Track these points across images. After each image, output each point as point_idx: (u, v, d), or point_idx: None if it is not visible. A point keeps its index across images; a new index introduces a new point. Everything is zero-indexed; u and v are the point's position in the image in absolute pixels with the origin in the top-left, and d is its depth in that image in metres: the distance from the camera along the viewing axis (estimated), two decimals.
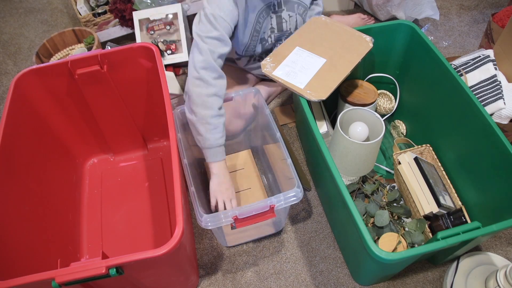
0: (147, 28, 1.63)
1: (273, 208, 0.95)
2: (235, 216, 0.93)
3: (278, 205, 0.95)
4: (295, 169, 1.00)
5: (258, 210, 0.94)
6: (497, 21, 1.40)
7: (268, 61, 1.06)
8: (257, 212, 0.94)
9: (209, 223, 0.93)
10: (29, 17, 2.06)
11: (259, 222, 0.96)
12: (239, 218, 0.94)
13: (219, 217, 0.93)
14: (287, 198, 0.96)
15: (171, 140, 0.93)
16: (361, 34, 1.13)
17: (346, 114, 1.12)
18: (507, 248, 1.16)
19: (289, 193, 0.96)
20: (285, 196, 0.96)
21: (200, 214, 0.93)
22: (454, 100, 1.07)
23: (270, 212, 0.96)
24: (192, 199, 0.97)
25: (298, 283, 1.13)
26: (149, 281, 0.93)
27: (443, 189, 1.13)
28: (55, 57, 1.71)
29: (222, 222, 0.93)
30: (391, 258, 0.78)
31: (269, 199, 0.95)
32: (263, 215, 0.96)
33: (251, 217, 0.95)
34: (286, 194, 0.96)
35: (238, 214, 0.93)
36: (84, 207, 1.30)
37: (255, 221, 0.96)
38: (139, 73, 1.19)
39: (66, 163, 1.31)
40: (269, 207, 0.94)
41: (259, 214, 0.95)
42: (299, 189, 0.96)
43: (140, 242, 1.21)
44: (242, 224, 0.95)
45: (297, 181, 0.97)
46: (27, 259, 0.96)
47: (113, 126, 1.31)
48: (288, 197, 0.96)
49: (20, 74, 1.10)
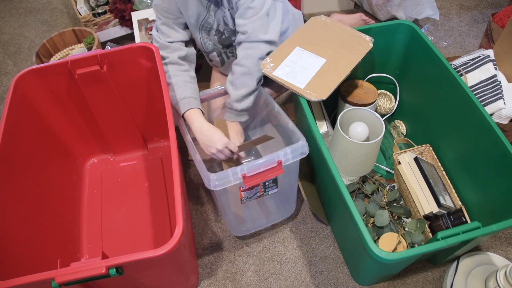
0: (146, 28, 1.63)
1: (281, 163, 0.92)
2: (244, 173, 0.90)
3: (285, 159, 0.93)
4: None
5: (266, 166, 0.92)
6: (497, 21, 1.40)
7: (268, 61, 1.06)
8: (265, 168, 0.92)
9: (216, 182, 0.89)
10: (29, 17, 2.06)
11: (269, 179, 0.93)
12: (247, 176, 0.91)
13: (227, 174, 0.89)
14: (294, 151, 0.93)
15: (171, 140, 0.93)
16: (361, 34, 1.13)
17: (346, 114, 1.12)
18: (507, 248, 1.16)
19: (295, 146, 0.93)
20: (292, 149, 0.93)
21: (207, 174, 0.90)
22: (454, 100, 1.07)
23: (279, 168, 0.93)
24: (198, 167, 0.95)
25: (298, 283, 1.13)
26: (149, 281, 0.93)
27: (443, 189, 1.13)
28: (55, 57, 1.71)
29: (231, 181, 0.90)
30: (391, 258, 0.78)
31: (276, 153, 0.92)
32: (272, 172, 0.93)
33: (260, 174, 0.92)
34: (292, 147, 0.93)
35: (246, 171, 0.90)
36: (84, 207, 1.30)
37: (264, 177, 0.92)
38: (139, 73, 1.19)
39: (66, 163, 1.31)
40: (276, 162, 0.92)
41: (268, 171, 0.93)
42: (304, 143, 0.94)
43: (140, 242, 1.21)
44: (251, 182, 0.92)
45: (301, 136, 0.96)
46: (27, 259, 0.96)
47: (113, 126, 1.31)
48: (294, 149, 0.93)
49: (20, 74, 1.10)
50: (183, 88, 1.09)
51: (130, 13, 1.67)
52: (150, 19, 1.63)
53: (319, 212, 1.20)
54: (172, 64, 1.11)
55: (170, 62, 1.11)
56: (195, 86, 1.12)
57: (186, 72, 1.12)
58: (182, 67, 1.12)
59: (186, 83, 1.10)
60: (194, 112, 1.06)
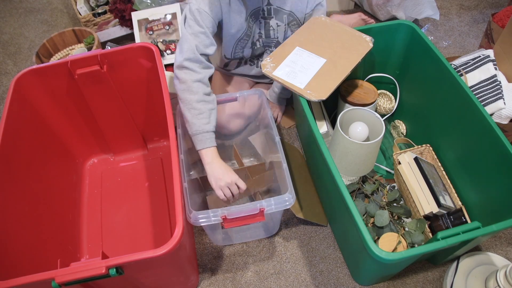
0: (146, 28, 1.63)
1: (263, 211, 0.94)
2: (224, 215, 0.93)
3: (268, 209, 0.94)
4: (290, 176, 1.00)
5: (248, 212, 0.94)
6: (497, 21, 1.40)
7: (268, 61, 1.06)
8: (246, 214, 0.94)
9: (198, 219, 0.92)
10: (29, 17, 2.06)
11: (248, 224, 0.96)
12: (228, 218, 0.93)
13: (208, 214, 0.93)
14: (278, 203, 0.95)
15: (171, 140, 0.93)
16: (361, 34, 1.13)
17: (346, 114, 1.12)
18: (507, 248, 1.16)
19: (280, 198, 0.95)
20: (276, 201, 0.95)
21: (189, 210, 0.93)
22: (454, 100, 1.07)
23: (260, 215, 0.95)
24: (184, 195, 0.96)
25: (298, 283, 1.13)
26: (149, 281, 0.93)
27: (443, 189, 1.13)
28: (55, 57, 1.71)
29: (211, 220, 0.93)
30: (391, 258, 0.78)
31: (259, 202, 0.94)
32: (252, 218, 0.95)
33: (240, 218, 0.95)
34: (277, 199, 0.95)
35: (227, 214, 0.93)
36: (84, 207, 1.30)
37: (243, 222, 0.95)
38: (139, 73, 1.19)
39: (66, 163, 1.31)
40: (258, 210, 0.94)
41: (249, 216, 0.95)
42: (291, 195, 0.95)
43: (140, 242, 1.21)
44: (230, 224, 0.95)
45: (290, 186, 0.97)
46: (27, 259, 0.96)
47: (113, 126, 1.31)
48: (279, 201, 0.95)
49: (20, 74, 1.10)
50: (208, 119, 1.02)
51: (130, 13, 1.67)
52: (150, 19, 1.63)
53: (314, 217, 1.20)
54: (202, 84, 1.03)
55: (200, 81, 1.02)
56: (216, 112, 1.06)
57: (210, 97, 1.05)
58: (208, 89, 1.04)
59: (211, 112, 1.03)
60: (212, 150, 1.03)
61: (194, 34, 1.03)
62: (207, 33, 1.04)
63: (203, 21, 1.03)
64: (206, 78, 1.04)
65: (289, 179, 0.99)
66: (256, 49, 1.24)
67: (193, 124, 1.01)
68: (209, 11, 1.03)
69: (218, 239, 1.18)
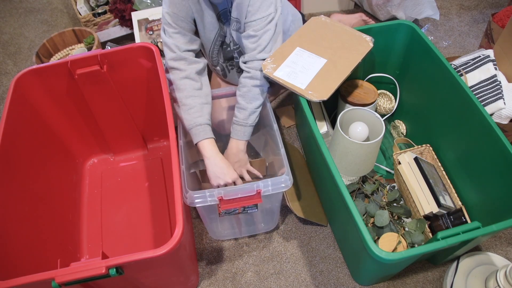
0: (146, 28, 1.63)
1: (259, 192, 0.93)
2: (220, 196, 0.91)
3: (265, 190, 0.93)
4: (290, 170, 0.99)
5: (244, 193, 0.92)
6: (497, 21, 1.40)
7: (269, 61, 1.06)
8: (243, 195, 0.93)
9: (194, 199, 0.91)
10: (29, 17, 2.06)
11: (245, 205, 0.94)
12: (224, 199, 0.92)
13: (204, 194, 0.92)
14: (275, 184, 0.93)
15: (171, 140, 0.93)
16: (361, 34, 1.13)
17: (346, 114, 1.12)
18: (507, 248, 1.16)
19: (277, 179, 0.93)
20: (273, 182, 0.93)
21: (186, 190, 0.92)
22: (454, 100, 1.07)
23: (257, 196, 0.93)
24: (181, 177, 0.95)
25: (298, 283, 1.13)
26: (149, 281, 0.93)
27: (443, 189, 1.13)
28: (55, 57, 1.71)
29: (207, 201, 0.92)
30: (391, 258, 0.78)
31: (256, 183, 0.93)
32: (249, 199, 0.93)
33: (237, 199, 0.93)
34: (274, 180, 0.93)
35: (223, 194, 0.92)
36: (84, 207, 1.30)
37: (240, 204, 0.93)
38: (139, 73, 1.19)
39: (66, 163, 1.31)
40: (255, 191, 0.93)
41: (245, 198, 0.93)
42: (288, 177, 0.94)
43: (140, 242, 1.21)
44: (227, 205, 0.93)
45: (287, 168, 0.95)
46: (27, 259, 0.96)
47: (113, 126, 1.31)
48: (276, 183, 0.93)
49: (20, 74, 1.10)
50: (200, 112, 1.03)
51: (130, 13, 1.67)
52: (150, 19, 1.63)
53: (314, 217, 1.20)
54: (189, 80, 1.05)
55: (187, 77, 1.04)
56: (209, 106, 1.08)
57: (201, 91, 1.06)
58: (197, 83, 1.06)
59: (203, 106, 1.04)
60: (209, 142, 1.03)
61: (170, 36, 1.05)
62: (182, 32, 1.05)
63: (175, 22, 1.04)
64: (193, 73, 1.05)
65: (286, 162, 0.98)
66: (228, 51, 1.20)
67: (185, 119, 1.03)
68: (178, 11, 1.04)
69: (216, 230, 1.17)
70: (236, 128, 1.06)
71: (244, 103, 1.05)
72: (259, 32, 1.02)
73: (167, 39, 1.05)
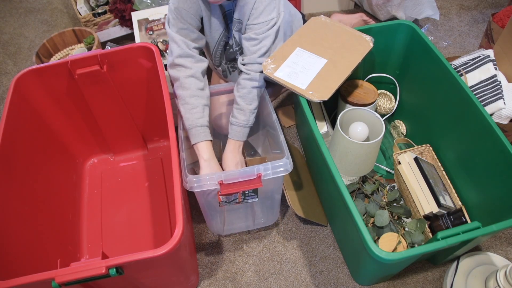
0: (146, 28, 1.63)
1: (260, 176, 0.92)
2: (221, 180, 0.91)
3: (265, 173, 0.92)
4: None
5: (245, 177, 0.92)
6: (497, 21, 1.40)
7: (269, 62, 1.06)
8: (243, 179, 0.92)
9: (194, 183, 0.91)
10: (29, 17, 2.06)
11: (245, 189, 0.93)
12: (224, 184, 0.92)
13: (204, 178, 0.91)
14: (275, 167, 0.93)
15: (171, 140, 0.93)
16: (361, 34, 1.13)
17: (346, 114, 1.12)
18: (507, 248, 1.16)
19: (277, 163, 0.93)
20: (273, 165, 0.93)
21: (185, 175, 0.92)
22: (454, 100, 1.07)
23: (257, 180, 0.93)
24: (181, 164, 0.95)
25: (298, 283, 1.13)
26: (149, 281, 0.93)
27: (443, 189, 1.13)
28: (55, 57, 1.71)
29: (207, 185, 0.91)
30: (391, 258, 0.78)
31: (256, 166, 0.93)
32: (249, 183, 0.93)
33: (237, 183, 0.92)
34: (274, 163, 0.93)
35: (223, 178, 0.91)
36: (84, 207, 1.30)
37: (241, 187, 0.93)
38: (139, 73, 1.19)
39: (66, 163, 1.31)
40: (256, 175, 0.92)
41: (246, 182, 0.93)
42: (288, 160, 0.93)
43: (140, 242, 1.21)
44: (227, 190, 0.92)
45: (287, 153, 0.95)
46: (27, 259, 0.96)
47: (113, 126, 1.31)
48: (276, 166, 0.93)
49: (20, 74, 1.10)
50: (202, 113, 1.03)
51: (130, 13, 1.67)
52: (150, 19, 1.62)
53: (314, 216, 1.20)
54: (195, 79, 1.04)
55: (193, 76, 1.04)
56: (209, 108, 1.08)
57: (203, 92, 1.06)
58: (201, 83, 1.06)
59: (204, 107, 1.05)
60: (207, 145, 1.03)
61: (178, 32, 1.04)
62: (190, 28, 1.05)
63: (184, 18, 1.04)
64: (199, 73, 1.05)
65: (285, 145, 0.98)
66: (231, 52, 1.20)
67: (187, 118, 1.03)
68: (188, 8, 1.03)
69: (216, 225, 1.16)
70: (236, 129, 1.06)
71: (244, 104, 1.05)
72: (260, 36, 1.03)
73: (175, 35, 1.03)
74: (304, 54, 1.09)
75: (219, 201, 0.99)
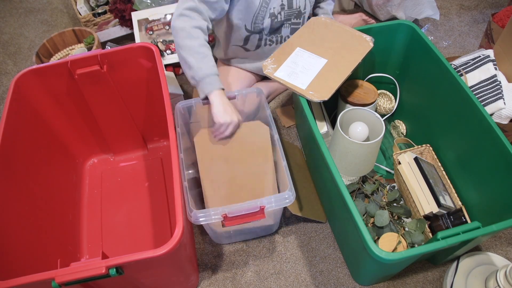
0: (146, 28, 1.63)
1: (263, 209, 0.94)
2: (225, 214, 0.93)
3: (268, 206, 0.94)
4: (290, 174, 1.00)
5: (248, 210, 0.94)
6: (497, 21, 1.40)
7: (269, 62, 1.06)
8: (246, 212, 0.94)
9: (199, 218, 0.93)
10: (29, 17, 2.06)
11: (249, 222, 0.96)
12: (228, 217, 0.94)
13: (209, 213, 0.93)
14: (278, 200, 0.95)
15: (171, 140, 0.94)
16: (361, 34, 1.13)
17: (346, 114, 1.12)
18: (507, 248, 1.16)
19: (280, 196, 0.95)
20: (276, 198, 0.95)
21: (190, 209, 0.93)
22: (454, 100, 1.07)
23: (260, 213, 0.95)
24: (184, 194, 0.96)
25: (298, 283, 1.13)
26: (149, 281, 0.93)
27: (443, 189, 1.13)
28: (55, 57, 1.71)
29: (212, 219, 0.93)
30: (391, 258, 0.78)
31: (260, 200, 0.95)
32: (253, 215, 0.95)
33: (241, 216, 0.95)
34: (277, 197, 0.95)
35: (227, 212, 0.93)
36: (84, 207, 1.30)
37: (244, 220, 0.95)
38: (139, 73, 1.19)
39: (66, 163, 1.31)
40: (259, 208, 0.94)
41: (249, 214, 0.95)
42: (291, 192, 0.95)
43: (140, 242, 1.21)
44: (231, 222, 0.95)
45: (290, 184, 0.97)
46: (27, 259, 0.96)
47: (113, 126, 1.31)
48: (279, 199, 0.95)
49: (20, 74, 1.10)
50: (213, 62, 1.00)
51: (130, 13, 1.67)
52: (150, 19, 1.63)
53: (312, 214, 1.20)
54: (201, 31, 1.01)
55: (199, 27, 1.01)
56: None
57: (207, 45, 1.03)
58: (206, 37, 1.03)
59: (211, 57, 1.02)
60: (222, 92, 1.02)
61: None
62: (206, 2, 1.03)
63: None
64: (205, 26, 1.03)
65: (289, 177, 0.99)
66: (276, 22, 1.18)
67: (200, 68, 0.99)
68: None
69: (219, 237, 1.18)
70: None
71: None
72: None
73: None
74: (304, 54, 1.09)
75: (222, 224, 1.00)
